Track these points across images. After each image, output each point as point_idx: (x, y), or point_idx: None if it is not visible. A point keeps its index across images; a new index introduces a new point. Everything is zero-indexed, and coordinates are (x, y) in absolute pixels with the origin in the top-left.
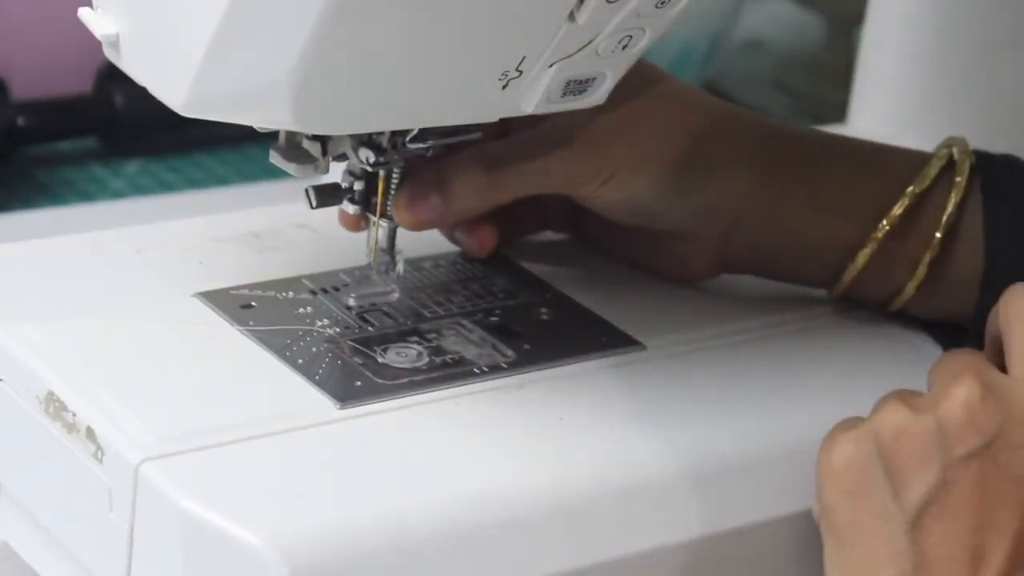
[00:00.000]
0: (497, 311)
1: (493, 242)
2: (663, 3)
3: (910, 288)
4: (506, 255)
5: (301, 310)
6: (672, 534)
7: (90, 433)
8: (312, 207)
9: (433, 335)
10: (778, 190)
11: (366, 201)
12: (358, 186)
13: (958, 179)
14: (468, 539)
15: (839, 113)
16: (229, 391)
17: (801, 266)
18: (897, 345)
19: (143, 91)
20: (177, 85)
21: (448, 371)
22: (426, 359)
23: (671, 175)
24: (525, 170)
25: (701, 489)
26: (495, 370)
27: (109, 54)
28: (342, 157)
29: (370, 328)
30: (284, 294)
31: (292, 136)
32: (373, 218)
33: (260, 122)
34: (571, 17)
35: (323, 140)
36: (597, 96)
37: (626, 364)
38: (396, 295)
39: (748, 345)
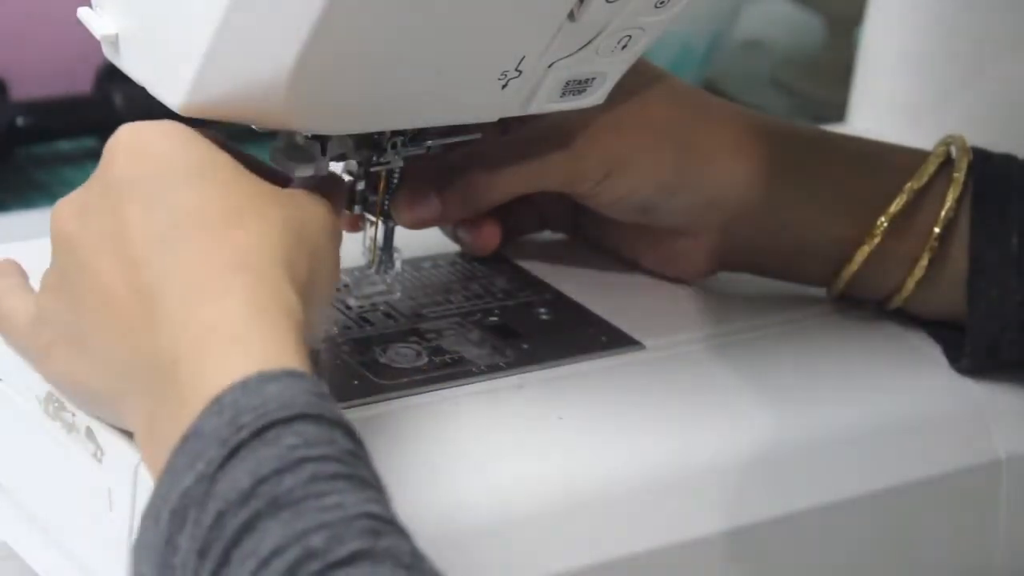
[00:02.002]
0: (496, 311)
1: (496, 239)
2: (662, 3)
3: (909, 285)
4: (506, 255)
5: None
6: (672, 533)
7: (89, 433)
8: None
9: (432, 335)
10: (776, 187)
11: (365, 201)
12: (358, 186)
13: (956, 175)
14: (468, 539)
15: (839, 113)
16: None
17: (799, 264)
18: (896, 345)
19: (143, 91)
20: (177, 85)
21: (447, 371)
22: (426, 359)
23: (669, 171)
24: (524, 168)
25: (702, 488)
26: (494, 370)
27: (109, 54)
28: (342, 157)
29: (370, 328)
30: None
31: (292, 136)
32: (371, 217)
33: (260, 122)
34: (571, 17)
35: (323, 140)
36: (597, 96)
37: (626, 364)
38: (398, 294)
39: (748, 345)
